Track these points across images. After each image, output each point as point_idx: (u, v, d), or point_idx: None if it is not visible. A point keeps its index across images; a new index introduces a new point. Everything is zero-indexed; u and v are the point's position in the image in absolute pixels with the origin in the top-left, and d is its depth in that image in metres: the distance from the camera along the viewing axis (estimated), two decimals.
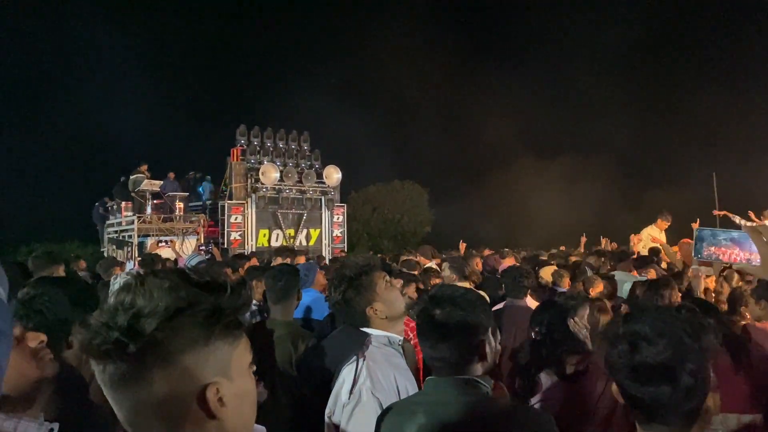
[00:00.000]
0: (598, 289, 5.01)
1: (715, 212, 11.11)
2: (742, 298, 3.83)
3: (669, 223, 10.72)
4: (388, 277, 2.51)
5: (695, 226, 9.82)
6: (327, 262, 10.49)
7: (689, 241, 9.17)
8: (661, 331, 1.31)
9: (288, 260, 6.93)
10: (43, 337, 1.47)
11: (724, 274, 4.52)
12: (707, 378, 1.31)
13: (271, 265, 5.93)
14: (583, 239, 12.44)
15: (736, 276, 4.32)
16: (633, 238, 10.71)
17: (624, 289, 5.29)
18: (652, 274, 6.04)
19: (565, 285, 5.76)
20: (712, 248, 1.23)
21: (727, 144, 25.53)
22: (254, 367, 1.06)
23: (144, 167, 17.13)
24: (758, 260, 1.19)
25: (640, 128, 31.04)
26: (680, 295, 4.51)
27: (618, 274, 5.88)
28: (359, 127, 30.95)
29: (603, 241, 12.16)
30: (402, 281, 4.29)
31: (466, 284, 4.86)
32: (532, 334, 2.92)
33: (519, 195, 30.02)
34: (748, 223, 10.10)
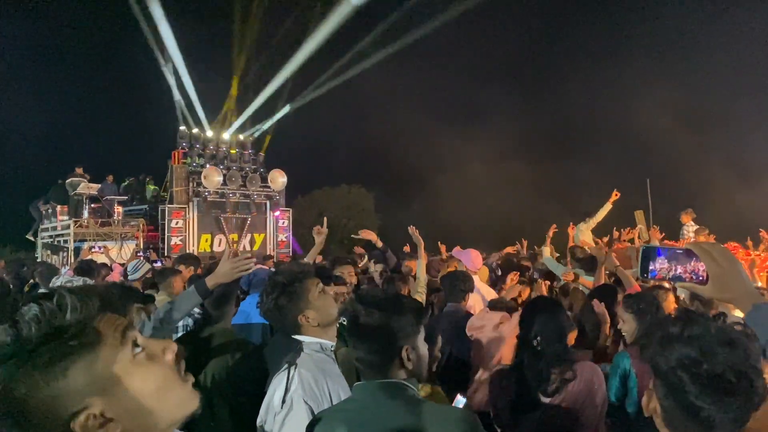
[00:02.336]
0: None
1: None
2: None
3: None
4: (321, 285, 2.49)
5: (626, 236, 10.18)
6: (274, 262, 10.36)
7: (624, 245, 9.53)
8: (730, 338, 1.22)
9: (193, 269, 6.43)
10: None
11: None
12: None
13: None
14: (524, 242, 12.64)
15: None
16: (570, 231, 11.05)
17: None
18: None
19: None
20: (657, 265, 1.25)
21: (662, 150, 26.51)
22: (145, 351, 0.98)
23: (80, 169, 16.54)
24: (702, 275, 1.20)
25: (577, 136, 31.92)
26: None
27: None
28: (306, 131, 30.80)
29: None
30: (337, 288, 4.26)
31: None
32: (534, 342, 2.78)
33: (463, 199, 30.42)
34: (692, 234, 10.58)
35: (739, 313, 1.44)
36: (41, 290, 3.29)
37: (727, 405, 1.19)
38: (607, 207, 10.32)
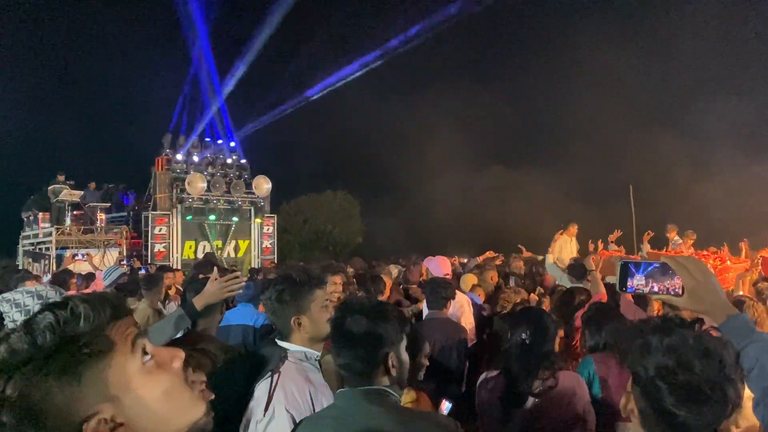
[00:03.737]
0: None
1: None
2: None
3: (577, 231, 11.55)
4: (327, 300, 2.46)
5: (612, 238, 10.34)
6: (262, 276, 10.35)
7: (606, 254, 9.62)
8: (707, 348, 1.27)
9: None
10: None
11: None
12: (740, 397, 1.28)
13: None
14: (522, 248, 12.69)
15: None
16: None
17: None
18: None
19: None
20: (636, 279, 1.27)
21: (644, 157, 26.77)
22: (154, 358, 1.01)
23: (62, 176, 16.35)
24: (678, 289, 1.23)
25: (561, 142, 32.14)
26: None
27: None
28: (291, 137, 30.77)
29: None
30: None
31: None
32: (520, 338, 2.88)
33: (449, 206, 30.49)
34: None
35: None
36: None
37: (701, 413, 1.25)
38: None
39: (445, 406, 2.46)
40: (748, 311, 3.88)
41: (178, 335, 3.72)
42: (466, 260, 11.55)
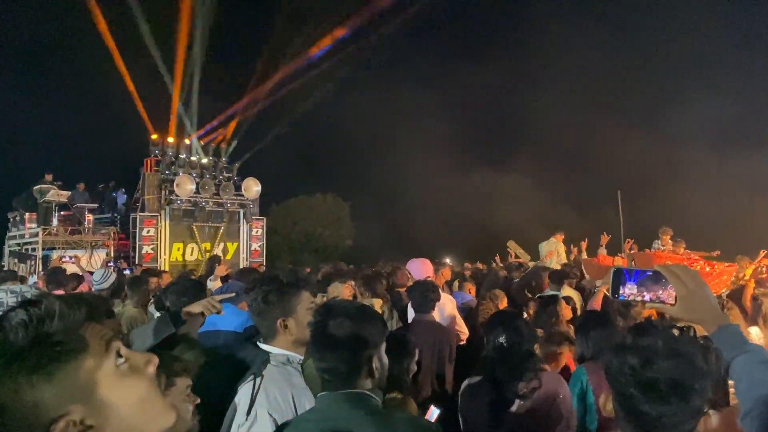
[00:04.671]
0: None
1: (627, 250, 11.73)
2: None
3: (564, 236, 11.73)
4: (313, 302, 2.46)
5: (602, 242, 10.40)
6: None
7: (593, 260, 9.67)
8: (676, 349, 1.31)
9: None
10: None
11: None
12: (708, 400, 1.31)
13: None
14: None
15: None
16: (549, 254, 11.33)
17: None
18: (567, 290, 6.34)
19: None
20: (627, 288, 1.28)
21: (632, 162, 26.95)
22: (128, 362, 1.00)
23: (49, 176, 16.20)
24: (671, 298, 1.24)
25: (548, 147, 32.31)
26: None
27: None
28: (281, 140, 30.68)
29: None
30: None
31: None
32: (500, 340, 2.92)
33: (438, 209, 30.57)
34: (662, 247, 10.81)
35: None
36: None
37: (664, 412, 1.28)
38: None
39: (433, 411, 2.47)
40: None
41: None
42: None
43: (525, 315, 4.96)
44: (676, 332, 1.38)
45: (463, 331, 4.99)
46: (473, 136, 34.94)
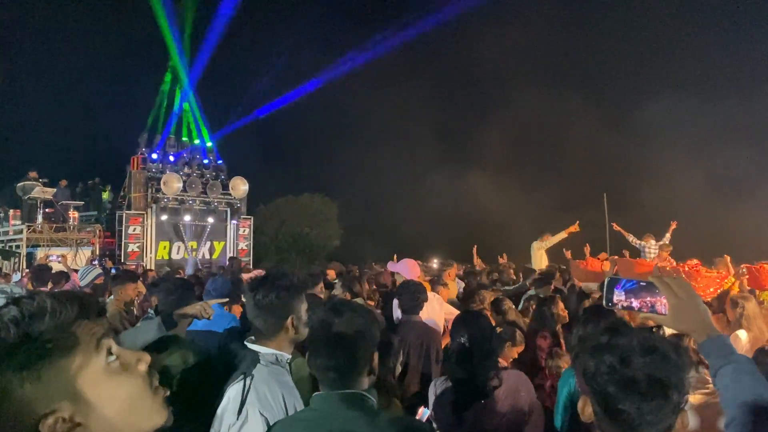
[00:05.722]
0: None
1: (615, 227, 11.83)
2: None
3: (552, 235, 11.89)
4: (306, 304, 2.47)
5: (587, 249, 10.48)
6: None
7: (579, 262, 9.75)
8: (651, 346, 1.32)
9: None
10: None
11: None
12: (685, 394, 1.33)
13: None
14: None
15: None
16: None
17: None
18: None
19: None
20: (623, 296, 1.30)
21: (617, 165, 27.12)
22: (119, 360, 1.00)
23: (33, 173, 16.03)
24: (663, 308, 1.27)
25: (535, 150, 32.45)
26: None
27: None
28: (269, 139, 30.63)
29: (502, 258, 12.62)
30: None
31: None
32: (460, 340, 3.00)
33: (426, 210, 30.59)
34: (650, 247, 10.92)
35: None
36: None
37: (644, 409, 1.29)
38: (563, 235, 10.96)
39: (423, 412, 2.48)
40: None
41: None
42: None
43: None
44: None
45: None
46: (461, 138, 35.02)
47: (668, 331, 3.05)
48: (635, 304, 1.54)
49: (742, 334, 4.35)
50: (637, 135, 27.51)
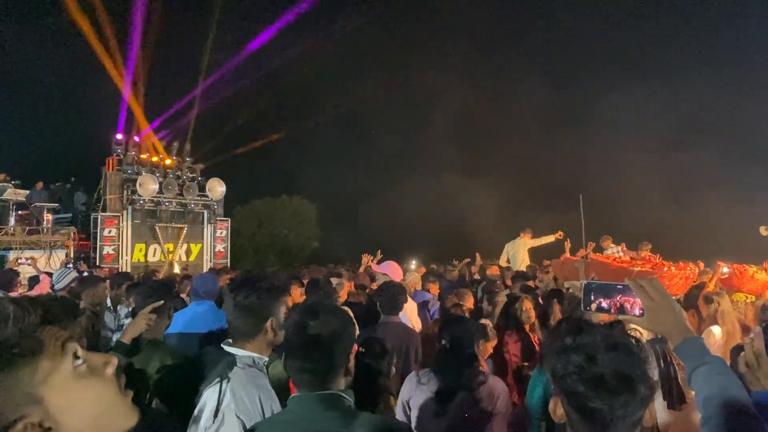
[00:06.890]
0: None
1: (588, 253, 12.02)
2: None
3: (531, 234, 12.29)
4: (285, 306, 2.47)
5: (568, 245, 10.60)
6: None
7: (564, 258, 9.84)
8: (614, 343, 1.35)
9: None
10: None
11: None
12: (651, 387, 1.35)
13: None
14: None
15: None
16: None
17: None
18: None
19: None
20: (600, 300, 1.32)
21: (593, 168, 27.43)
22: (86, 363, 0.99)
23: (2, 176, 15.63)
24: (638, 311, 1.30)
25: (513, 152, 32.70)
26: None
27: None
28: (246, 141, 30.42)
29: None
30: None
31: None
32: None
33: (404, 212, 30.65)
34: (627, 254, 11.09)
35: None
36: None
37: (614, 405, 1.31)
38: (549, 239, 11.32)
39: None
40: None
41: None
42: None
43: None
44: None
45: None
46: (440, 140, 35.14)
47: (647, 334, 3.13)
48: (610, 306, 1.57)
49: (716, 330, 4.46)
50: (614, 138, 27.87)
